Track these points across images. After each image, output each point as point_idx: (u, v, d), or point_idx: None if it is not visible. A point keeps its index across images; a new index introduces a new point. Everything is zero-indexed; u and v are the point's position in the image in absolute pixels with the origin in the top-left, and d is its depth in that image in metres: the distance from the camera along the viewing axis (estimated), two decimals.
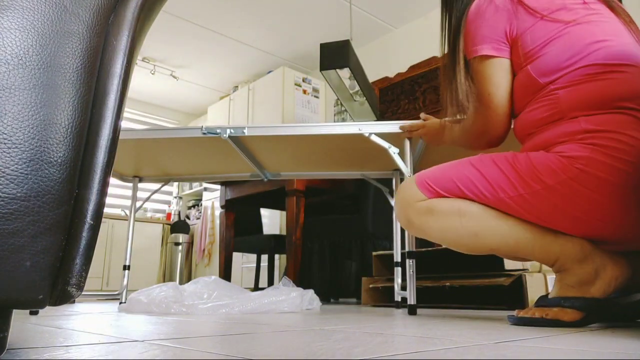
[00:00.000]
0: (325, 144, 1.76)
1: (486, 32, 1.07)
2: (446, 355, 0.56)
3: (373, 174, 2.13)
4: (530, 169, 0.97)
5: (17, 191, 0.45)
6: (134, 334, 0.82)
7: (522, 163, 0.99)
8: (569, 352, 0.59)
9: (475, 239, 1.05)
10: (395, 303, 1.88)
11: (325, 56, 2.69)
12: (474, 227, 1.04)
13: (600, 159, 0.91)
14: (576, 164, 0.93)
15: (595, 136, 0.92)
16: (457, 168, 1.07)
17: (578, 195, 0.93)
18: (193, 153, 1.90)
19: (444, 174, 1.07)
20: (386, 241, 2.76)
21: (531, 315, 1.02)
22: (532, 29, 1.03)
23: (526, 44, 1.04)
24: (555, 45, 1.00)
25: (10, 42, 0.47)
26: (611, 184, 0.91)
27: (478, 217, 1.04)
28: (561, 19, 1.00)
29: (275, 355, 0.56)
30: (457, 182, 1.05)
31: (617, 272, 0.98)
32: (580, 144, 0.94)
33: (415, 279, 1.46)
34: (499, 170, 1.01)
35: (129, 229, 2.05)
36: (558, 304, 1.00)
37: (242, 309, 1.51)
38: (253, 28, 4.35)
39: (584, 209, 0.95)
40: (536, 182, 0.96)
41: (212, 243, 5.35)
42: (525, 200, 0.98)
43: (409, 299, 1.45)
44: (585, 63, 0.97)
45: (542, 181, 0.96)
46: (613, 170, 0.90)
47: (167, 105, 6.14)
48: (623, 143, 0.91)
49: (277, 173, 2.14)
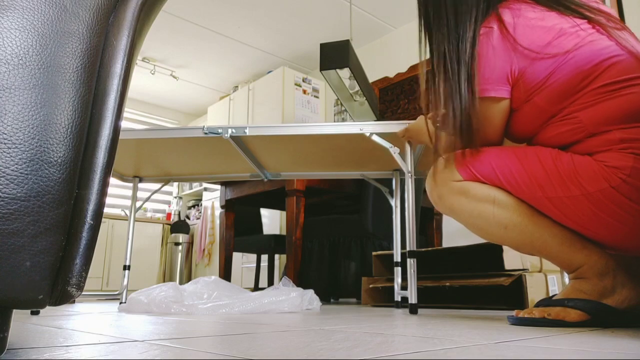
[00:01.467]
0: (325, 144, 1.76)
1: (487, 73, 1.03)
2: (446, 355, 0.56)
3: (373, 174, 2.13)
4: (572, 172, 0.95)
5: (17, 191, 0.45)
6: (134, 334, 0.82)
7: (565, 164, 0.97)
8: (569, 352, 0.59)
9: (504, 231, 1.04)
10: (395, 303, 1.88)
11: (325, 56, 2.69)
12: (505, 219, 1.02)
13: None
14: (619, 174, 0.91)
15: (636, 146, 0.91)
16: (500, 156, 1.04)
17: (618, 205, 0.92)
18: (193, 153, 1.90)
19: (485, 160, 1.05)
20: (386, 241, 2.76)
21: (531, 315, 1.01)
22: (531, 67, 1.00)
23: (528, 80, 1.01)
24: (563, 73, 0.97)
25: (10, 42, 0.47)
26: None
27: (511, 211, 1.02)
28: (557, 52, 0.98)
29: (275, 355, 0.56)
30: (497, 171, 1.03)
31: (632, 294, 0.96)
32: (622, 153, 0.92)
33: (416, 279, 1.46)
34: (541, 167, 0.98)
35: (129, 229, 2.05)
36: (561, 304, 0.99)
37: (242, 309, 1.51)
38: (253, 28, 4.35)
39: (622, 219, 0.93)
40: (576, 187, 0.94)
41: (212, 243, 5.35)
42: (562, 203, 0.97)
43: (410, 298, 1.45)
44: (599, 84, 0.95)
45: (583, 187, 0.94)
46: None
47: (167, 105, 6.14)
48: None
49: (277, 173, 2.14)
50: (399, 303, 1.89)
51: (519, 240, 1.04)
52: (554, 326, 0.96)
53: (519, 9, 1.04)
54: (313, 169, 2.09)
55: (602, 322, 0.96)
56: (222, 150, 1.84)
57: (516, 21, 1.02)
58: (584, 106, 0.96)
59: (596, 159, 0.95)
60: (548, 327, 0.95)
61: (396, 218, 1.99)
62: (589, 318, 0.96)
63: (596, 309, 0.96)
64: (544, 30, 1.00)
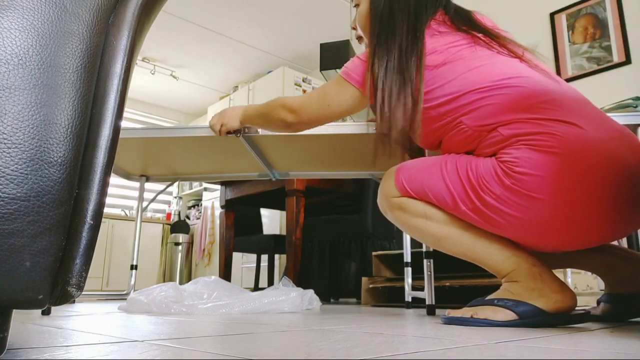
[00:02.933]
0: (337, 143, 1.75)
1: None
2: (446, 355, 0.56)
3: (382, 174, 2.12)
4: (480, 179, 0.99)
5: (17, 191, 0.45)
6: (134, 334, 0.82)
7: (476, 172, 1.00)
8: (569, 352, 0.59)
9: (438, 243, 1.09)
10: (406, 303, 1.87)
11: (325, 56, 2.70)
12: (437, 233, 1.07)
13: (533, 157, 0.93)
14: (515, 168, 0.94)
15: (525, 139, 0.95)
16: (430, 172, 1.08)
17: (524, 199, 0.94)
18: (201, 152, 1.89)
19: (417, 177, 1.09)
20: (386, 241, 2.76)
21: (461, 314, 1.03)
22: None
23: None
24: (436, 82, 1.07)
25: (10, 42, 0.47)
26: (549, 181, 0.92)
27: (442, 224, 1.07)
28: (429, 64, 1.08)
29: (275, 355, 0.56)
30: (426, 189, 1.07)
31: (561, 298, 0.97)
32: (515, 147, 0.96)
33: (433, 279, 1.47)
34: (459, 180, 1.03)
35: (135, 228, 2.05)
36: (491, 304, 1.01)
37: (242, 309, 1.51)
38: (253, 28, 4.35)
39: (530, 213, 0.95)
40: (486, 193, 0.98)
41: (212, 243, 5.35)
42: (482, 212, 0.99)
43: (427, 299, 1.46)
44: (467, 89, 1.02)
45: (491, 191, 0.97)
46: (547, 164, 0.92)
47: (167, 105, 6.14)
48: (547, 136, 0.93)
49: (286, 173, 2.13)
50: (410, 304, 1.88)
51: (453, 251, 1.09)
52: (482, 325, 0.98)
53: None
54: (321, 169, 2.08)
55: (530, 323, 0.97)
56: (230, 149, 1.83)
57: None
58: (464, 112, 1.03)
59: (497, 157, 0.99)
60: (479, 327, 0.96)
61: None
62: (517, 318, 0.97)
63: (524, 310, 0.97)
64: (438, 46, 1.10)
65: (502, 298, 1.00)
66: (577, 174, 0.91)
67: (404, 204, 1.11)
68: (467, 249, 1.06)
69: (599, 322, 1.13)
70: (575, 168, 0.91)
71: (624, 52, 2.47)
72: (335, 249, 2.74)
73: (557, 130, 0.93)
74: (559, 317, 0.98)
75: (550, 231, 0.98)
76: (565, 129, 0.93)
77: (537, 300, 0.97)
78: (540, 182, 0.92)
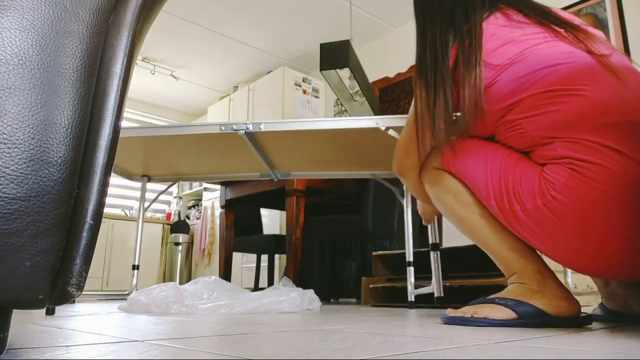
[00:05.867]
0: (339, 141, 1.75)
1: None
2: (446, 355, 0.56)
3: (383, 174, 2.12)
4: (517, 186, 0.98)
5: (17, 191, 0.45)
6: (134, 334, 0.82)
7: (517, 177, 0.99)
8: (569, 352, 0.59)
9: (459, 224, 1.11)
10: (408, 303, 1.87)
11: (325, 56, 2.69)
12: (461, 214, 1.09)
13: (574, 186, 0.90)
14: (551, 191, 0.92)
15: (576, 163, 0.91)
16: (476, 160, 1.07)
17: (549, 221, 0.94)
18: (203, 152, 1.89)
19: (464, 159, 1.09)
20: (386, 241, 2.76)
21: (461, 314, 1.03)
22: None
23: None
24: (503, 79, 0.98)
25: (10, 42, 0.47)
26: (579, 213, 0.90)
27: (467, 208, 1.08)
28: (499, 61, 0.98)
29: (275, 355, 0.56)
30: (466, 173, 1.07)
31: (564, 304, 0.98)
32: (562, 166, 0.92)
33: (440, 272, 1.46)
34: (499, 178, 1.02)
35: (137, 228, 2.05)
36: (491, 302, 1.01)
37: (242, 309, 1.51)
38: (253, 28, 4.35)
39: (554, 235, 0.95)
40: (517, 202, 0.98)
41: (212, 243, 5.35)
42: (507, 215, 1.00)
43: (436, 292, 1.45)
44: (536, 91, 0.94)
45: (522, 202, 0.97)
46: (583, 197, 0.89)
47: (167, 105, 6.14)
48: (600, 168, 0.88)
49: (288, 172, 2.13)
50: (413, 303, 1.88)
51: (468, 235, 1.11)
52: (482, 325, 0.97)
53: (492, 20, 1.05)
54: (323, 169, 2.08)
55: (530, 323, 0.97)
56: (232, 148, 1.83)
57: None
58: (527, 115, 0.97)
59: (544, 170, 0.96)
60: (477, 326, 0.96)
61: (407, 217, 1.98)
62: (517, 318, 0.97)
63: (525, 310, 0.97)
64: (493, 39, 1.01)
65: (504, 297, 1.01)
66: (606, 210, 0.89)
67: (440, 178, 1.12)
68: (482, 239, 1.07)
69: (599, 322, 1.13)
70: (610, 205, 0.89)
71: (623, 52, 2.47)
72: (336, 249, 2.74)
73: (614, 165, 0.87)
74: (559, 320, 0.97)
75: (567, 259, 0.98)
76: (624, 162, 0.87)
77: (539, 302, 0.97)
78: (569, 213, 0.91)
